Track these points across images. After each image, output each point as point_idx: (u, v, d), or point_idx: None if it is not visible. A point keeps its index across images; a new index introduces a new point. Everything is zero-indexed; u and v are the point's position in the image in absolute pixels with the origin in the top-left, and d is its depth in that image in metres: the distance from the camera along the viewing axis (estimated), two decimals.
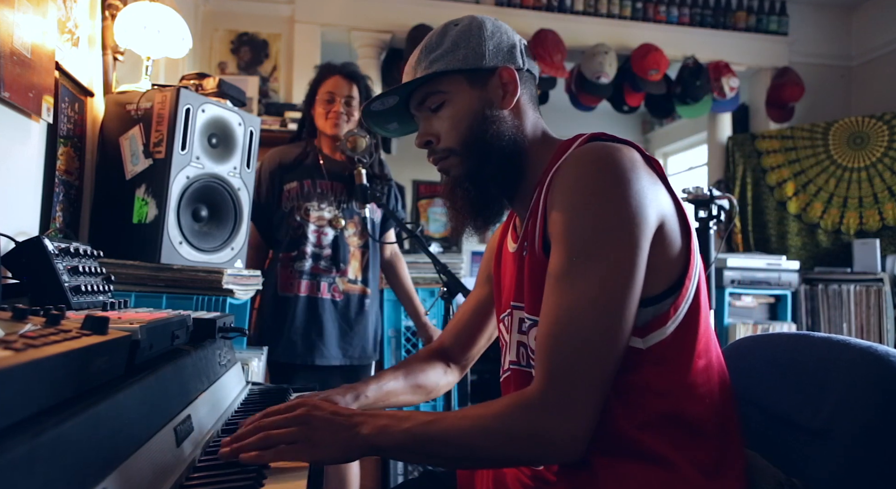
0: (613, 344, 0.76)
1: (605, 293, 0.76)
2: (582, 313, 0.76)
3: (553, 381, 0.75)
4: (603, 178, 0.79)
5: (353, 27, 3.77)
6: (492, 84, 0.95)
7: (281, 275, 2.00)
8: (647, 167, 0.84)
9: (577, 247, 0.78)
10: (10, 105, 1.18)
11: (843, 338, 0.84)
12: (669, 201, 0.85)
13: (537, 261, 0.87)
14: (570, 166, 0.84)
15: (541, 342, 0.79)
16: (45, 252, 0.99)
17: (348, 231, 2.05)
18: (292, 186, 2.02)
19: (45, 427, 0.44)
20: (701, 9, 4.18)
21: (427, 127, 0.98)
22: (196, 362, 0.90)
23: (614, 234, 0.77)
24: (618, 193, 0.78)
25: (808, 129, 4.09)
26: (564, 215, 0.80)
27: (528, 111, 0.98)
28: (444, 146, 0.96)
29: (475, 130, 0.94)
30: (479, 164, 0.94)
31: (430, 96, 0.96)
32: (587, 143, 0.88)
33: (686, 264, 0.85)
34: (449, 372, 1.23)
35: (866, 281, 3.56)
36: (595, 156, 0.82)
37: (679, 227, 0.85)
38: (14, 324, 0.55)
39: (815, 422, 0.81)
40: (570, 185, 0.82)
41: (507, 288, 1.02)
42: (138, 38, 1.64)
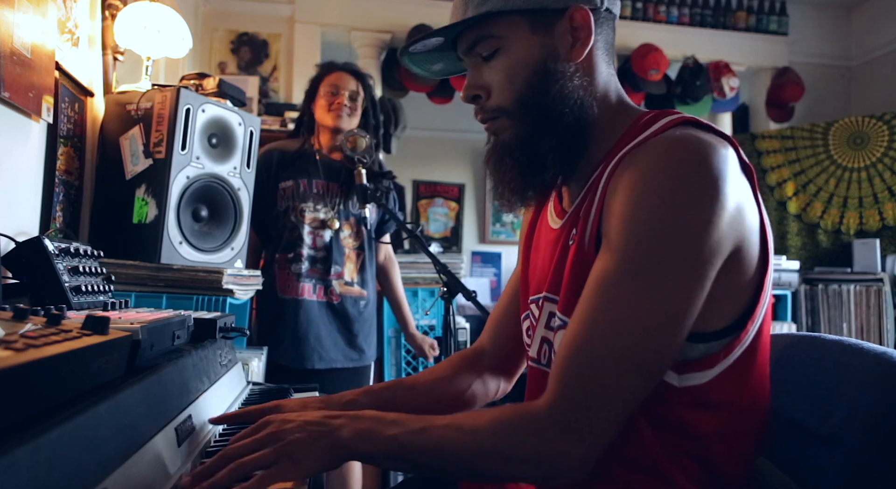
0: (648, 377, 0.65)
1: (654, 319, 0.64)
2: (622, 335, 0.64)
3: (570, 399, 0.65)
4: (691, 182, 0.65)
5: (353, 27, 3.77)
6: (559, 28, 0.78)
7: (279, 277, 1.99)
8: (740, 173, 0.69)
9: (636, 256, 0.65)
10: (10, 105, 1.18)
11: (856, 342, 0.81)
12: (756, 220, 0.71)
13: (585, 256, 0.74)
14: (651, 154, 0.68)
15: (566, 352, 0.67)
16: (46, 252, 0.98)
17: (344, 232, 2.04)
18: (287, 185, 2.01)
19: (45, 427, 0.44)
20: (701, 9, 4.18)
21: (476, 77, 0.81)
22: (197, 362, 0.89)
23: (684, 254, 0.64)
24: (703, 206, 0.64)
25: (808, 129, 4.09)
26: (630, 213, 0.67)
27: (600, 65, 0.81)
28: (495, 104, 0.80)
29: (534, 87, 0.77)
30: (536, 130, 0.78)
31: (481, 41, 0.79)
32: (677, 127, 0.72)
33: (754, 299, 0.71)
34: (490, 380, 1.02)
35: (866, 281, 3.56)
36: (687, 150, 0.67)
37: (757, 253, 0.71)
38: (15, 324, 0.55)
39: (824, 427, 0.78)
40: (646, 178, 0.67)
41: (540, 269, 0.88)
42: (138, 38, 1.64)
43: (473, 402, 1.01)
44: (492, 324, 1.05)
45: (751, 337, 0.72)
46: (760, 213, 0.72)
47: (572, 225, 0.79)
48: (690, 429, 0.71)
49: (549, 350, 0.81)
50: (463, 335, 2.75)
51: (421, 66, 0.90)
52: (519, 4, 0.77)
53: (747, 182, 0.70)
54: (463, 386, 1.00)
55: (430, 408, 0.98)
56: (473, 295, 1.58)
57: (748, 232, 0.69)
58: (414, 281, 2.80)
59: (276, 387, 1.28)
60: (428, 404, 0.97)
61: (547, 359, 0.82)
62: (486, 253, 5.45)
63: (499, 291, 5.38)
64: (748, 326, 0.71)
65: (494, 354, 1.03)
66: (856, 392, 0.76)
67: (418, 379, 1.00)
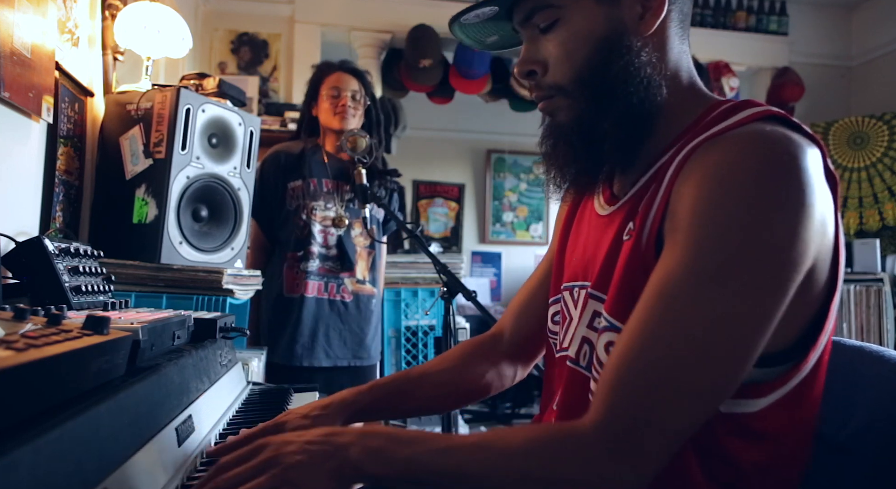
0: (710, 401, 0.57)
1: (725, 336, 0.56)
2: (686, 351, 0.56)
3: (621, 420, 0.57)
4: (774, 184, 0.57)
5: (353, 27, 3.77)
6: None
7: (287, 276, 1.99)
8: (826, 182, 0.62)
9: (711, 260, 0.57)
10: (10, 105, 1.18)
11: (878, 349, 0.77)
12: (832, 234, 0.63)
13: (643, 256, 0.66)
14: (729, 149, 0.60)
15: (619, 365, 0.58)
16: (46, 252, 0.98)
17: (354, 231, 2.05)
18: (297, 184, 2.01)
19: (45, 427, 0.44)
20: (701, 9, 4.18)
21: (532, 51, 0.74)
22: (197, 362, 0.89)
23: (765, 261, 0.56)
24: (792, 213, 0.57)
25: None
26: (707, 210, 0.58)
27: (673, 40, 0.72)
28: (551, 81, 0.73)
29: (595, 63, 0.69)
30: (595, 111, 0.70)
31: (538, 10, 0.72)
32: (763, 120, 0.63)
33: (818, 323, 0.63)
34: (506, 367, 0.96)
35: (866, 281, 3.56)
36: (778, 148, 0.59)
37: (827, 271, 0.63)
38: (15, 324, 0.55)
39: (839, 436, 0.75)
40: (728, 172, 0.59)
41: (580, 256, 0.80)
42: (138, 38, 1.64)
43: (488, 391, 0.95)
44: (516, 308, 0.97)
45: (810, 366, 0.64)
46: (837, 227, 0.63)
47: (628, 217, 0.70)
48: (731, 459, 0.64)
49: (591, 352, 0.74)
50: (463, 335, 2.75)
51: (472, 37, 0.82)
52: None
53: (830, 192, 0.63)
54: (477, 374, 0.94)
55: (442, 398, 0.94)
56: (473, 295, 1.58)
57: (825, 248, 0.62)
58: (414, 281, 2.80)
59: (275, 387, 1.28)
60: (440, 394, 0.93)
61: (587, 361, 0.74)
62: (486, 253, 5.45)
63: (499, 291, 5.37)
64: (810, 354, 0.63)
65: (515, 340, 0.96)
66: (873, 401, 0.73)
67: (427, 368, 0.95)
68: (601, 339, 0.71)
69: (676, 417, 0.56)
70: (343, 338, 2.01)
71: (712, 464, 0.65)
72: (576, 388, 0.76)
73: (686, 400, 0.56)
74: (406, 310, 2.76)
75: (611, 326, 0.69)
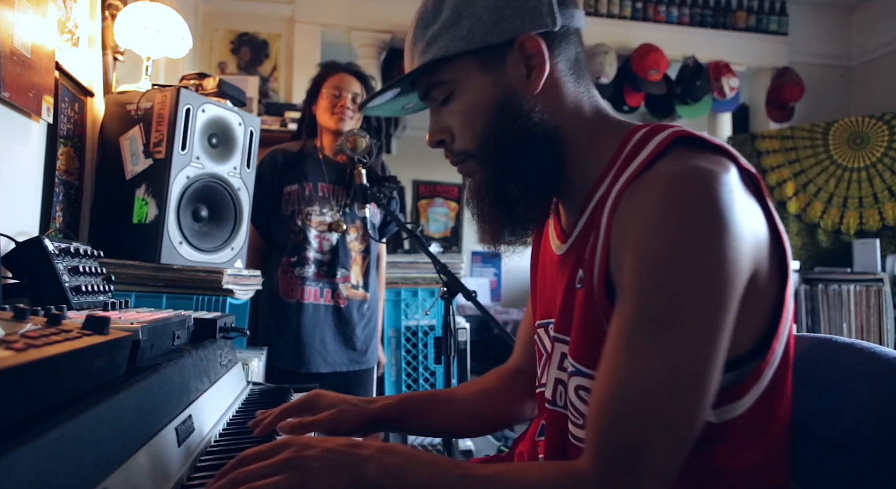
0: (688, 429, 0.61)
1: (683, 371, 0.60)
2: (654, 394, 0.60)
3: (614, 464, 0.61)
4: (695, 222, 0.61)
5: (353, 27, 3.77)
6: (510, 61, 0.73)
7: (281, 280, 1.98)
8: (745, 189, 0.65)
9: (654, 309, 0.62)
10: (10, 105, 1.18)
11: (869, 346, 0.78)
12: (766, 233, 0.67)
13: (595, 303, 0.70)
14: (649, 198, 0.64)
15: (600, 418, 0.62)
16: (46, 252, 0.99)
17: (350, 236, 2.04)
18: (293, 189, 2.01)
19: (45, 427, 0.44)
20: (701, 9, 4.19)
21: (437, 122, 0.79)
22: (197, 362, 0.89)
23: (702, 297, 0.61)
24: (716, 243, 0.61)
25: (808, 129, 4.09)
26: (641, 263, 0.63)
27: (566, 87, 0.75)
28: (459, 147, 0.77)
29: (493, 128, 0.74)
30: (506, 169, 0.75)
31: (433, 87, 0.77)
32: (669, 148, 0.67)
33: (776, 315, 0.68)
34: (527, 401, 0.99)
35: (866, 281, 3.56)
36: (689, 186, 0.62)
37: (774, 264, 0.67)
38: (15, 324, 0.55)
39: (833, 433, 0.76)
40: (648, 226, 0.63)
41: (546, 296, 0.85)
42: (138, 38, 1.64)
43: (510, 422, 0.99)
44: (523, 343, 1.00)
45: (778, 356, 0.68)
46: (774, 224, 0.67)
47: (577, 263, 0.74)
48: (729, 468, 0.67)
49: (565, 393, 0.77)
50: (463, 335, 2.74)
51: (390, 111, 0.88)
52: (462, 46, 0.72)
53: (754, 197, 0.66)
54: (501, 404, 0.98)
55: (466, 424, 0.98)
56: (473, 295, 1.58)
57: (762, 252, 0.65)
58: (414, 281, 2.80)
59: (276, 388, 1.28)
60: (464, 420, 0.96)
61: (563, 401, 0.78)
62: (486, 253, 5.45)
63: (499, 291, 5.37)
64: (774, 345, 0.67)
65: (530, 373, 0.97)
66: (867, 398, 0.74)
67: (456, 392, 0.99)
68: (571, 383, 0.74)
69: (662, 450, 0.60)
70: (340, 344, 2.01)
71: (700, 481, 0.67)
72: (556, 427, 0.80)
73: (665, 434, 0.60)
74: (406, 310, 2.76)
75: (577, 371, 0.73)
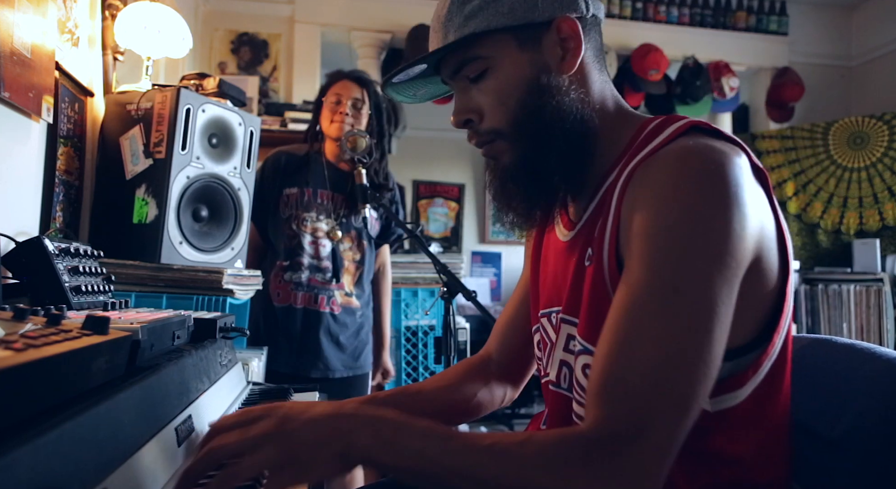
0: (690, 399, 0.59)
1: (685, 339, 0.59)
2: (661, 359, 0.59)
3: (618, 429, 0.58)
4: (705, 193, 0.63)
5: (353, 27, 3.77)
6: (547, 41, 0.74)
7: (273, 284, 1.98)
8: (754, 179, 0.67)
9: (659, 276, 0.62)
10: (10, 105, 1.18)
11: (868, 346, 0.79)
12: (773, 225, 0.68)
13: (605, 278, 0.70)
14: (662, 169, 0.66)
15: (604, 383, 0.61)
16: (46, 252, 0.98)
17: (344, 245, 2.04)
18: (292, 192, 2.01)
19: (45, 427, 0.44)
20: (701, 9, 4.19)
21: (465, 101, 0.78)
22: (197, 362, 0.89)
23: (710, 267, 0.61)
24: (724, 217, 0.61)
25: (808, 129, 4.09)
26: (650, 232, 0.63)
27: (593, 74, 0.78)
28: (488, 126, 0.77)
29: (528, 106, 0.74)
30: (537, 150, 0.75)
31: (467, 64, 0.76)
32: (685, 134, 0.69)
33: (777, 308, 0.68)
34: (497, 388, 0.99)
35: (866, 281, 3.56)
36: (701, 161, 0.64)
37: (777, 259, 0.68)
38: (15, 324, 0.55)
39: (832, 432, 0.77)
40: (662, 192, 0.64)
41: (549, 285, 0.85)
42: (138, 38, 1.64)
43: (480, 410, 0.99)
44: (499, 332, 1.02)
45: (777, 349, 0.69)
46: (777, 218, 0.69)
47: (586, 243, 0.75)
48: (726, 456, 0.68)
49: (570, 374, 0.77)
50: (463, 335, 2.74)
51: (404, 94, 0.87)
52: (503, 22, 0.73)
53: (761, 188, 0.68)
54: (469, 393, 0.97)
55: (437, 415, 0.96)
56: (473, 295, 1.58)
57: (767, 240, 0.66)
58: (414, 281, 2.80)
59: (276, 388, 1.28)
60: (434, 411, 0.95)
61: (568, 383, 0.78)
62: (486, 253, 5.45)
63: (499, 291, 5.38)
64: (774, 338, 0.68)
65: (502, 362, 1.00)
66: (866, 398, 0.74)
67: (424, 386, 0.99)
68: (578, 362, 0.74)
69: (669, 414, 0.58)
70: (332, 350, 2.00)
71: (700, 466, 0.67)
72: (560, 410, 0.79)
73: (674, 397, 0.58)
74: (406, 310, 2.76)
75: (585, 349, 0.72)
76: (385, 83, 0.84)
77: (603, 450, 0.57)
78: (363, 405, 0.67)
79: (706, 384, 0.60)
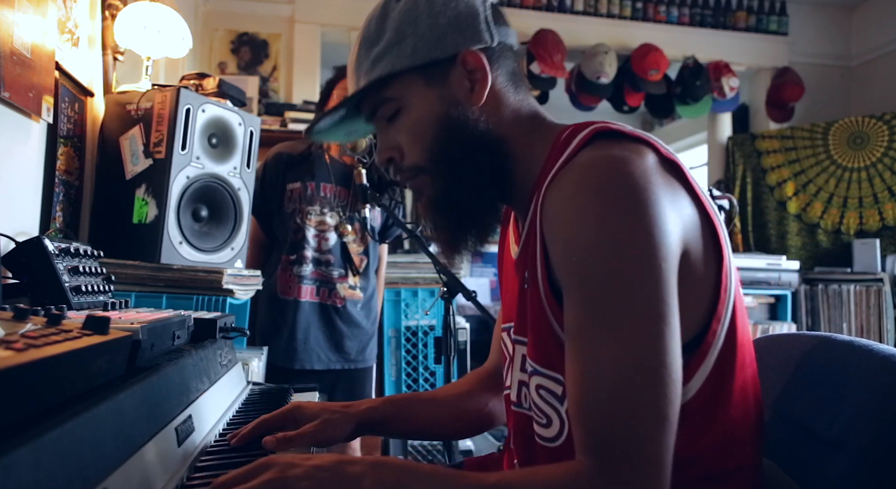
0: (670, 405, 0.60)
1: (644, 353, 0.60)
2: (626, 381, 0.59)
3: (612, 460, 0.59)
4: (614, 203, 0.62)
5: (353, 27, 3.76)
6: (454, 76, 0.76)
7: (280, 278, 2.00)
8: (665, 173, 0.67)
9: (596, 299, 0.62)
10: (10, 105, 1.18)
11: (867, 343, 0.79)
12: (694, 214, 0.68)
13: (542, 303, 0.71)
14: (568, 186, 0.66)
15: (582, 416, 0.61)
16: (46, 252, 0.98)
17: (349, 237, 2.06)
18: (295, 186, 2.02)
19: (45, 427, 0.44)
20: (701, 9, 4.18)
21: (385, 140, 0.80)
22: (197, 362, 0.89)
23: (637, 276, 0.61)
24: (635, 223, 0.61)
25: (808, 129, 4.09)
26: (571, 256, 0.64)
27: (507, 96, 0.79)
28: (409, 163, 0.79)
29: (441, 140, 0.76)
30: (455, 180, 0.77)
31: (380, 105, 0.79)
32: (590, 140, 0.69)
33: (714, 296, 0.68)
34: None
35: (866, 281, 3.56)
36: (602, 172, 0.64)
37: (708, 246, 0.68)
38: (15, 324, 0.55)
39: (831, 430, 0.77)
40: (570, 213, 0.65)
41: (507, 303, 0.87)
42: (138, 38, 1.64)
43: (492, 421, 0.99)
44: (496, 346, 1.02)
45: (721, 337, 0.68)
46: (702, 204, 0.68)
47: (523, 265, 0.77)
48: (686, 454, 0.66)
49: (529, 394, 0.78)
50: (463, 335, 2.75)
51: (335, 137, 0.89)
52: (407, 63, 0.75)
53: (675, 179, 0.67)
54: (482, 402, 0.98)
55: (446, 423, 0.98)
56: (473, 295, 1.58)
57: (689, 230, 0.66)
58: (414, 281, 2.80)
59: (276, 388, 1.28)
60: (447, 418, 0.96)
61: (529, 403, 0.78)
62: (486, 253, 5.44)
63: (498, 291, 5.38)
64: (714, 326, 0.67)
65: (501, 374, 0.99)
66: (864, 395, 0.74)
67: (437, 393, 1.00)
68: (532, 383, 0.75)
69: (653, 430, 0.59)
70: (337, 343, 2.02)
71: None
72: (522, 430, 0.80)
73: (651, 413, 0.59)
74: (406, 310, 2.76)
75: (535, 371, 0.74)
76: (309, 131, 0.85)
77: (605, 477, 0.58)
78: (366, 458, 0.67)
79: (673, 387, 0.60)
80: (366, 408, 0.91)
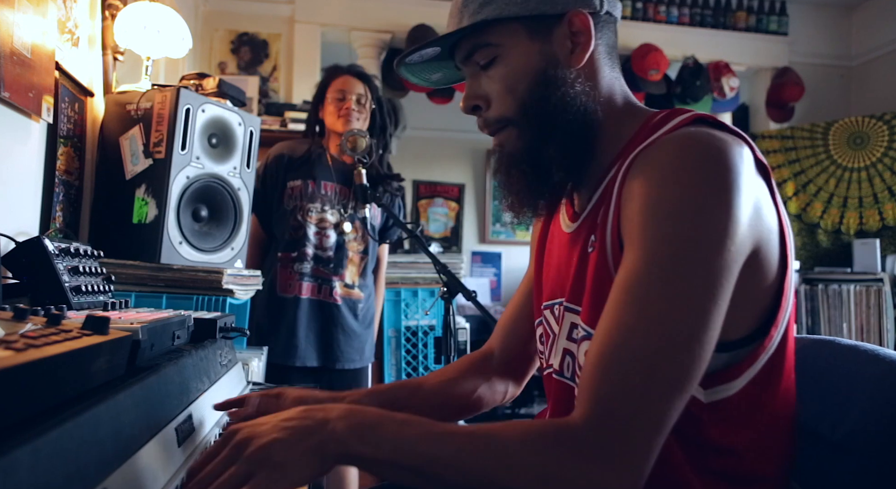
0: (685, 381, 0.59)
1: (684, 319, 0.59)
2: (653, 340, 0.59)
3: (607, 418, 0.58)
4: (707, 177, 0.62)
5: (353, 27, 3.77)
6: (558, 34, 0.76)
7: (280, 275, 2.00)
8: (756, 173, 0.67)
9: (659, 256, 0.61)
10: (10, 105, 1.18)
11: (872, 348, 0.79)
12: (775, 221, 0.68)
13: (609, 261, 0.70)
14: (664, 153, 0.66)
15: (596, 365, 0.60)
16: (46, 252, 0.98)
17: (349, 235, 2.06)
18: (296, 184, 2.02)
19: (45, 427, 0.44)
20: (701, 9, 4.18)
21: (475, 87, 0.79)
22: (197, 362, 0.89)
23: (709, 249, 0.60)
24: (721, 202, 0.61)
25: (808, 129, 4.09)
26: (650, 212, 0.63)
27: (603, 69, 0.79)
28: (496, 114, 0.78)
29: (535, 95, 0.75)
30: (540, 139, 0.76)
31: (478, 49, 0.77)
32: (690, 125, 0.69)
33: (776, 304, 0.68)
34: (498, 384, 0.99)
35: (866, 281, 3.56)
36: (702, 146, 0.64)
37: (777, 255, 0.68)
38: (15, 324, 0.55)
39: (835, 434, 0.77)
40: (661, 176, 0.64)
41: (553, 275, 0.85)
42: (138, 38, 1.64)
43: (480, 406, 0.99)
44: (502, 327, 1.02)
45: (775, 343, 0.69)
46: (779, 213, 0.69)
47: (589, 231, 0.76)
48: (721, 446, 0.68)
49: (573, 362, 0.77)
50: (463, 335, 2.75)
51: (419, 77, 0.88)
52: (516, 11, 0.74)
53: (764, 182, 0.68)
54: (470, 388, 0.97)
55: (437, 409, 0.96)
56: (473, 295, 1.58)
57: (767, 232, 0.66)
58: (414, 281, 2.80)
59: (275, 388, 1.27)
60: (434, 406, 0.95)
61: (571, 371, 0.77)
62: (486, 253, 5.45)
63: (499, 291, 5.37)
64: (772, 332, 0.67)
65: (504, 358, 1.00)
66: (869, 400, 0.74)
67: (424, 380, 0.99)
68: (581, 348, 0.74)
69: (658, 408, 0.58)
70: (335, 341, 2.02)
71: (701, 454, 0.68)
72: (563, 399, 0.79)
73: (660, 386, 0.58)
74: (406, 310, 2.76)
75: (588, 335, 0.72)
76: (399, 62, 0.83)
77: (594, 431, 0.57)
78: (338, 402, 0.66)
79: (700, 366, 0.60)
80: (352, 398, 0.90)
